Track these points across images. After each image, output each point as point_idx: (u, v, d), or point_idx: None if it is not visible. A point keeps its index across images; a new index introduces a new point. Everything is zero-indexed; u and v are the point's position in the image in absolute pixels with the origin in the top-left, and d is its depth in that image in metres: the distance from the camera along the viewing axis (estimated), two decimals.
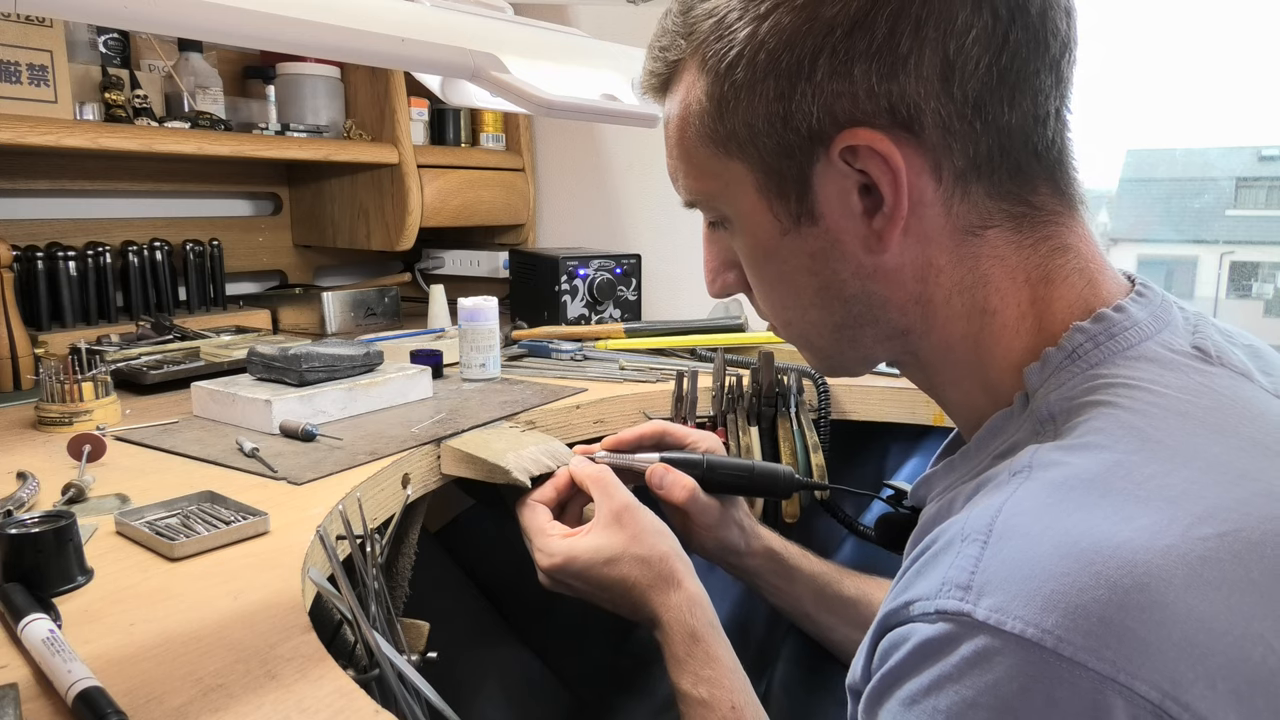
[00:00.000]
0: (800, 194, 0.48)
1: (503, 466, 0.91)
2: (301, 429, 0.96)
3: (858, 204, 0.47)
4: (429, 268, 1.96)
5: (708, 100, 0.50)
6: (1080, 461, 0.40)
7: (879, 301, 0.50)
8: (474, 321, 1.24)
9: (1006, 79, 0.45)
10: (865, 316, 0.51)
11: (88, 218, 1.50)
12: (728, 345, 1.36)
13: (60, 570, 0.63)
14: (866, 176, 0.46)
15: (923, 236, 0.47)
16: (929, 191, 0.46)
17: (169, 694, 0.51)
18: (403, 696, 0.62)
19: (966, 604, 0.37)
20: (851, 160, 0.46)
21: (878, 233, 0.47)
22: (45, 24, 1.20)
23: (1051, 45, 0.46)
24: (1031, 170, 0.47)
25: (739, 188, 0.51)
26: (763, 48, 0.46)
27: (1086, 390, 0.44)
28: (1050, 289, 0.48)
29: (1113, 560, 0.35)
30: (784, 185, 0.49)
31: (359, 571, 0.74)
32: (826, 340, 0.55)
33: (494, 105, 1.00)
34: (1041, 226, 0.48)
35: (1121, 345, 0.46)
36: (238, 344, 1.34)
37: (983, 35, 0.44)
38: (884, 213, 0.46)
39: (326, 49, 0.64)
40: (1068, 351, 0.46)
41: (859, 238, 0.48)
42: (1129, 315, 0.47)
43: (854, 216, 0.48)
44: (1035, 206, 0.48)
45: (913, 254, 0.48)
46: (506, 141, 1.94)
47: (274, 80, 1.66)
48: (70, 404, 1.02)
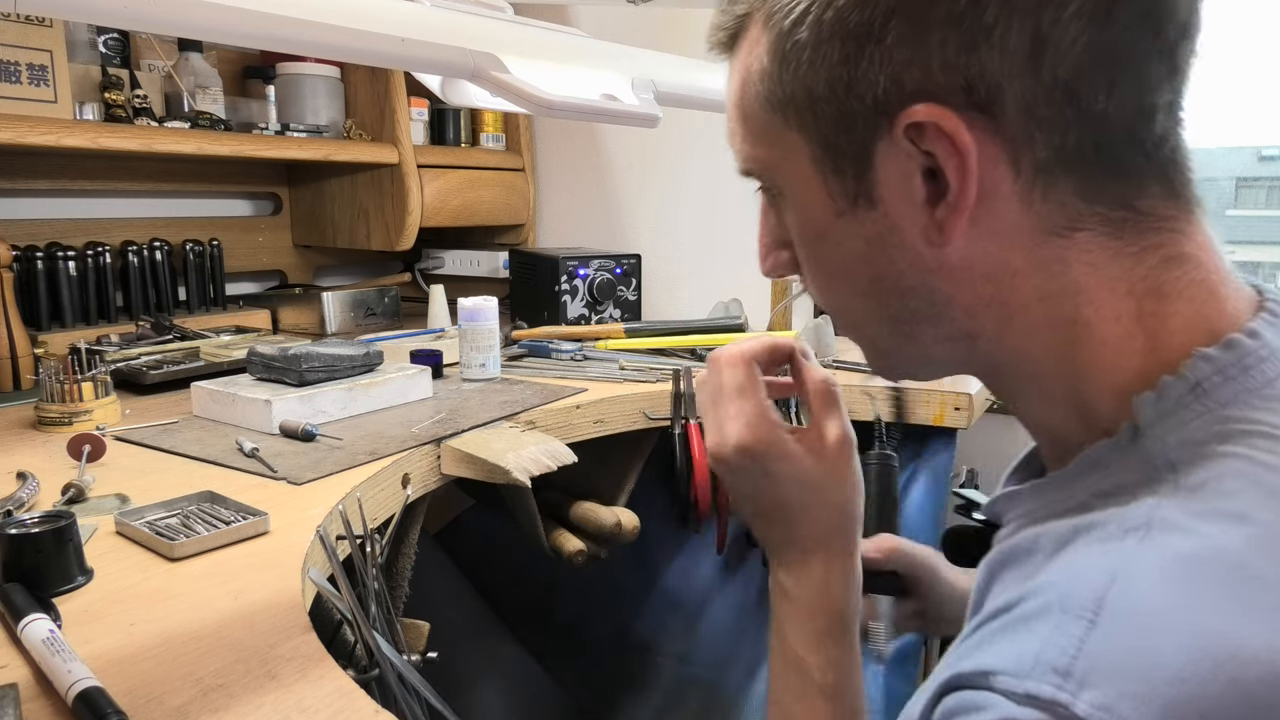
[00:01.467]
0: (859, 172, 0.43)
1: (503, 466, 0.91)
2: (301, 429, 0.96)
3: (920, 189, 0.42)
4: (429, 268, 1.96)
5: (769, 60, 0.45)
6: (1213, 532, 0.35)
7: (942, 299, 0.45)
8: (474, 321, 1.24)
9: (1107, 62, 0.39)
10: (925, 313, 0.46)
11: (88, 218, 1.50)
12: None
13: (60, 570, 0.63)
14: (932, 159, 0.41)
15: (995, 233, 0.42)
16: (1004, 183, 0.41)
17: (169, 694, 0.51)
18: (403, 696, 0.62)
19: (1064, 693, 0.32)
20: (917, 139, 0.41)
21: (939, 223, 0.42)
22: (45, 24, 1.20)
23: (1166, 29, 0.40)
24: (1137, 171, 0.41)
25: (794, 159, 0.46)
26: (830, 5, 0.41)
27: (1216, 437, 0.38)
28: (1163, 303, 0.41)
29: (1253, 669, 0.31)
30: (841, 161, 0.44)
31: (359, 571, 0.74)
32: (881, 334, 0.49)
33: (494, 105, 1.00)
34: (1150, 234, 0.42)
35: (1257, 381, 0.39)
36: (238, 344, 1.34)
37: (1084, 9, 0.38)
38: (948, 201, 0.41)
39: (326, 49, 0.64)
40: (1190, 384, 0.39)
41: (919, 227, 0.43)
42: (1264, 342, 0.40)
43: (915, 203, 0.42)
44: (1141, 211, 0.41)
45: (982, 251, 0.42)
46: (506, 141, 1.94)
47: (274, 80, 1.66)
48: (70, 404, 1.01)
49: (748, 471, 0.61)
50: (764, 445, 0.60)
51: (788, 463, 0.60)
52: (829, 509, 0.61)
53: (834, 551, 0.61)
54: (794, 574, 0.61)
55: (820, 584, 0.60)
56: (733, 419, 0.61)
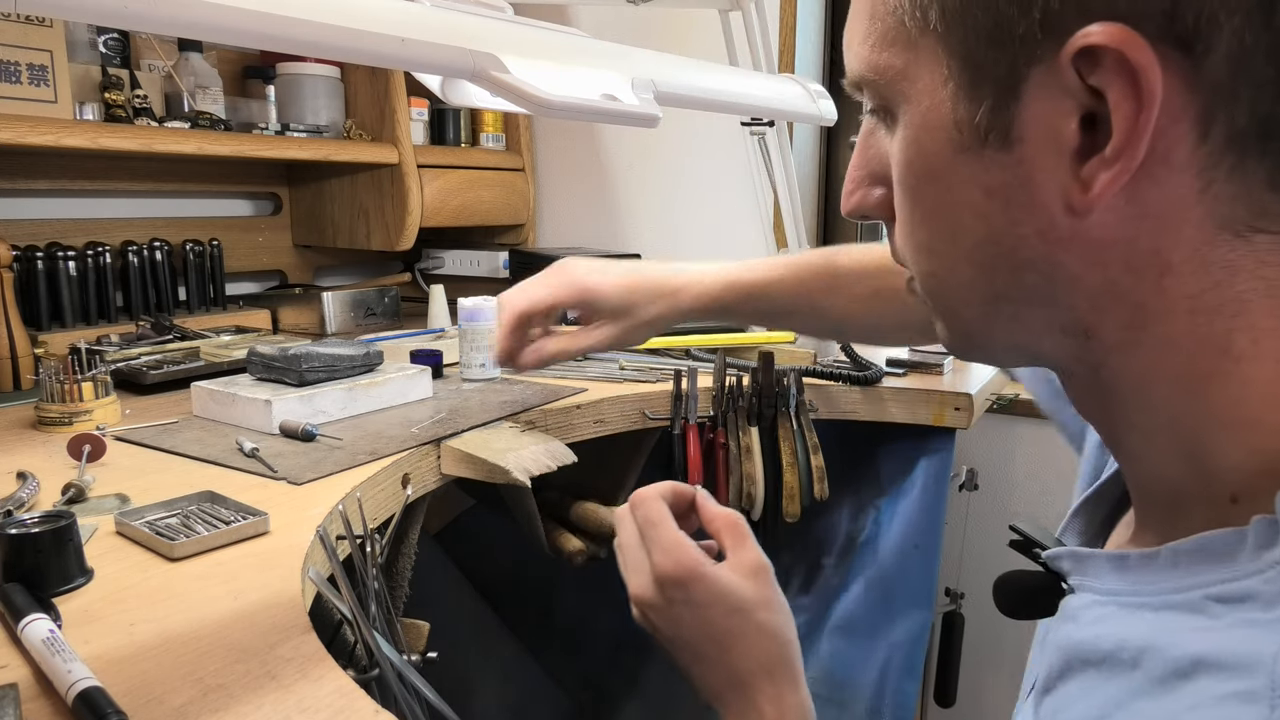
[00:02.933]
0: (1000, 102, 0.34)
1: (503, 466, 0.92)
2: (301, 429, 0.96)
3: (1073, 136, 0.33)
4: (429, 268, 1.96)
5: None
6: None
7: (1065, 280, 0.35)
8: (474, 321, 1.24)
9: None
10: (1040, 294, 0.36)
11: (88, 218, 1.50)
12: (728, 345, 1.36)
13: (60, 570, 0.63)
14: (1099, 101, 0.32)
15: (1155, 212, 0.33)
16: (1182, 149, 0.31)
17: (169, 694, 0.51)
18: (403, 696, 0.62)
19: None
20: (1086, 71, 0.31)
21: (1085, 183, 0.33)
22: (45, 24, 1.20)
23: None
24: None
25: (924, 72, 0.37)
26: None
27: None
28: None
29: None
30: (981, 82, 0.34)
31: (359, 571, 0.74)
32: (975, 310, 0.40)
33: (494, 105, 1.00)
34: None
35: None
36: (238, 344, 1.34)
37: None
38: (1104, 156, 0.32)
39: (326, 49, 0.64)
40: None
41: (1058, 184, 0.33)
42: None
43: (1062, 152, 0.33)
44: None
45: (1133, 231, 0.33)
46: (506, 141, 1.95)
47: (274, 80, 1.66)
48: (70, 404, 1.02)
49: (673, 604, 0.57)
50: (685, 570, 0.56)
51: (712, 586, 0.56)
52: (763, 633, 0.56)
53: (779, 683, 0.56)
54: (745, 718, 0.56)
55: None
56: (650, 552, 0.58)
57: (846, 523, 1.26)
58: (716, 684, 0.57)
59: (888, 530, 1.21)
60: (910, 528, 1.18)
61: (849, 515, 1.26)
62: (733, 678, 0.56)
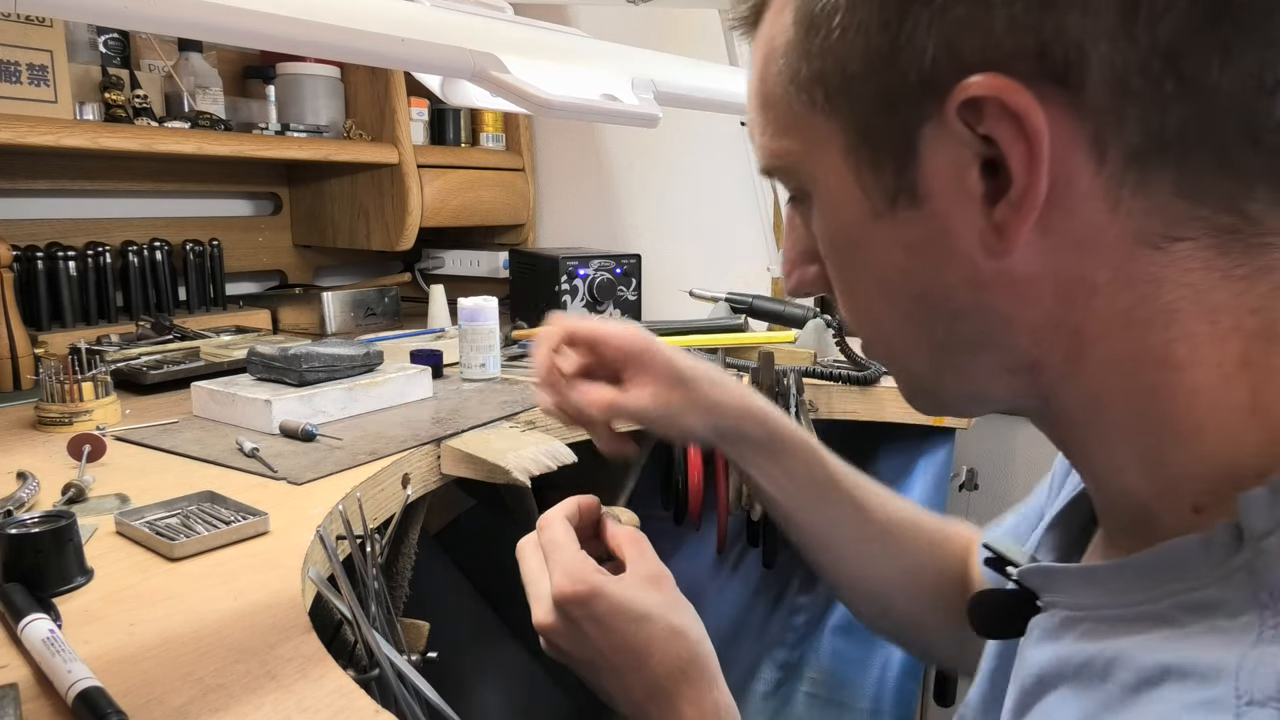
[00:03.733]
0: (900, 164, 0.35)
1: (503, 466, 0.92)
2: (301, 429, 0.96)
3: (976, 184, 0.34)
4: (429, 268, 1.96)
5: (795, 29, 0.37)
6: None
7: (999, 322, 0.36)
8: (474, 321, 1.24)
9: (1221, 19, 0.30)
10: (978, 341, 0.37)
11: (88, 218, 1.50)
12: (728, 345, 1.36)
13: (60, 570, 0.63)
14: (993, 146, 0.33)
15: (1072, 240, 0.33)
16: (1084, 176, 0.32)
17: (169, 694, 0.51)
18: (403, 696, 0.62)
19: None
20: (973, 121, 0.32)
21: (999, 226, 0.33)
22: (45, 24, 1.20)
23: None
24: (1244, 161, 0.31)
25: (824, 152, 0.38)
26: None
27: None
28: (1274, 351, 0.32)
29: None
30: (880, 150, 0.36)
31: (359, 571, 0.74)
32: (923, 365, 0.41)
33: (494, 105, 1.00)
34: (1260, 252, 0.32)
35: None
36: (238, 344, 1.34)
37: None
38: (1010, 199, 0.33)
39: (326, 49, 0.64)
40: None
41: (974, 231, 0.34)
42: None
43: (970, 201, 0.34)
44: (1250, 218, 0.32)
45: (1054, 262, 0.34)
46: (506, 141, 1.95)
47: (274, 80, 1.66)
48: (70, 404, 1.02)
49: (576, 624, 0.55)
50: (584, 586, 0.54)
51: (612, 599, 0.54)
52: (673, 635, 0.55)
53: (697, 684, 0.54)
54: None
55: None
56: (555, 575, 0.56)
57: None
58: (636, 696, 0.55)
59: None
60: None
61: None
62: (649, 686, 0.55)
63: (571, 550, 0.57)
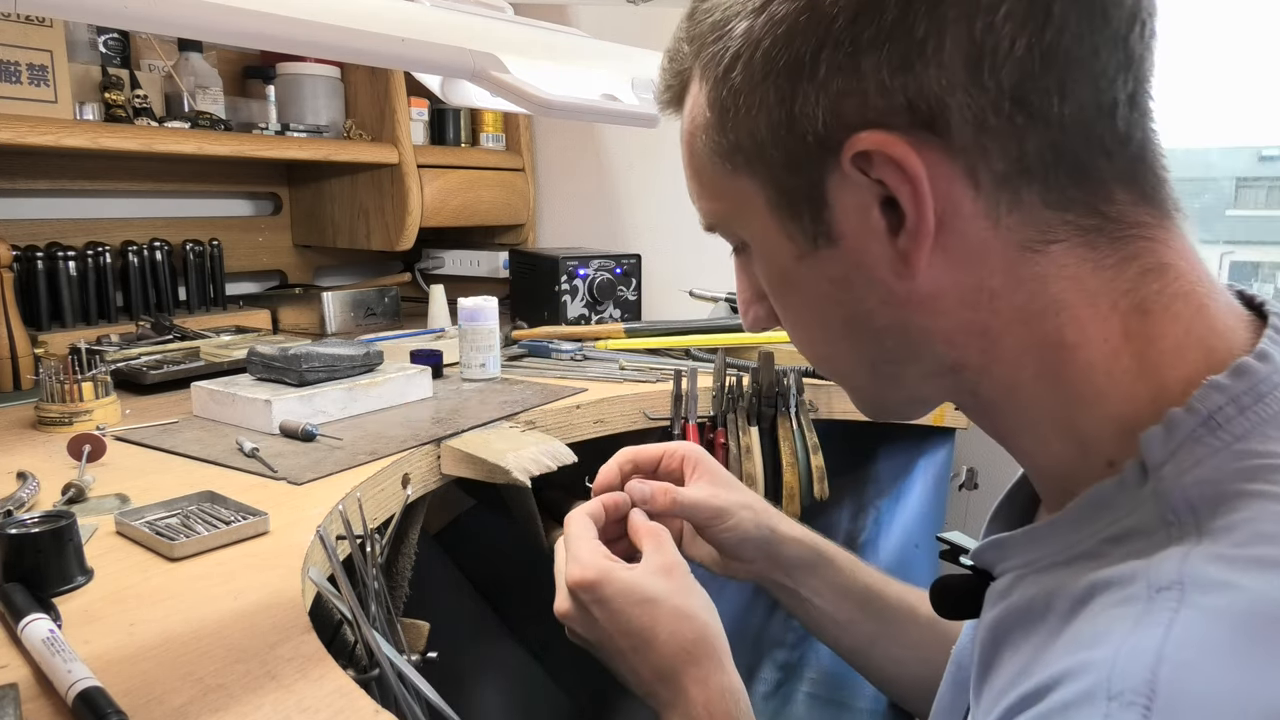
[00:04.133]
0: (815, 212, 0.42)
1: (503, 466, 0.92)
2: (301, 429, 0.96)
3: (879, 220, 0.40)
4: (429, 268, 1.96)
5: (710, 111, 0.44)
6: (1256, 585, 0.31)
7: (919, 334, 0.42)
8: (474, 321, 1.24)
9: (1053, 62, 0.36)
10: (904, 352, 0.44)
11: (88, 218, 1.50)
12: (728, 345, 1.36)
13: (60, 570, 0.63)
14: (886, 189, 0.39)
15: (965, 255, 0.40)
16: (965, 202, 0.39)
17: (169, 694, 0.51)
18: (403, 696, 0.62)
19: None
20: (866, 169, 0.39)
21: (903, 253, 0.40)
22: (45, 24, 1.20)
23: (1114, 17, 0.37)
24: (1100, 172, 0.38)
25: (751, 207, 0.45)
26: (759, 46, 0.40)
27: (1239, 474, 0.35)
28: (1148, 321, 0.39)
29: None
30: (796, 202, 0.42)
31: (359, 571, 0.74)
32: (864, 379, 0.48)
33: (494, 105, 1.00)
34: (1123, 243, 0.39)
35: (1273, 409, 0.36)
36: (238, 344, 1.34)
37: (1017, 10, 0.36)
38: (907, 230, 0.39)
39: (326, 49, 0.64)
40: (1202, 417, 0.36)
41: (884, 260, 0.41)
42: (1276, 366, 0.37)
43: (876, 235, 0.40)
44: (1110, 218, 0.39)
45: (954, 276, 0.40)
46: (506, 141, 1.94)
47: (274, 80, 1.66)
48: (70, 404, 1.01)
49: (587, 608, 0.60)
50: (593, 572, 0.59)
51: (619, 583, 0.59)
52: (679, 617, 0.59)
53: (703, 664, 0.58)
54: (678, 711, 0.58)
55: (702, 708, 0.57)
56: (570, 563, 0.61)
57: (846, 523, 1.26)
58: (645, 677, 0.59)
59: (888, 530, 1.21)
60: (910, 527, 1.18)
61: (849, 515, 1.26)
62: (657, 668, 0.59)
63: (586, 540, 0.63)
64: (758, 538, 0.72)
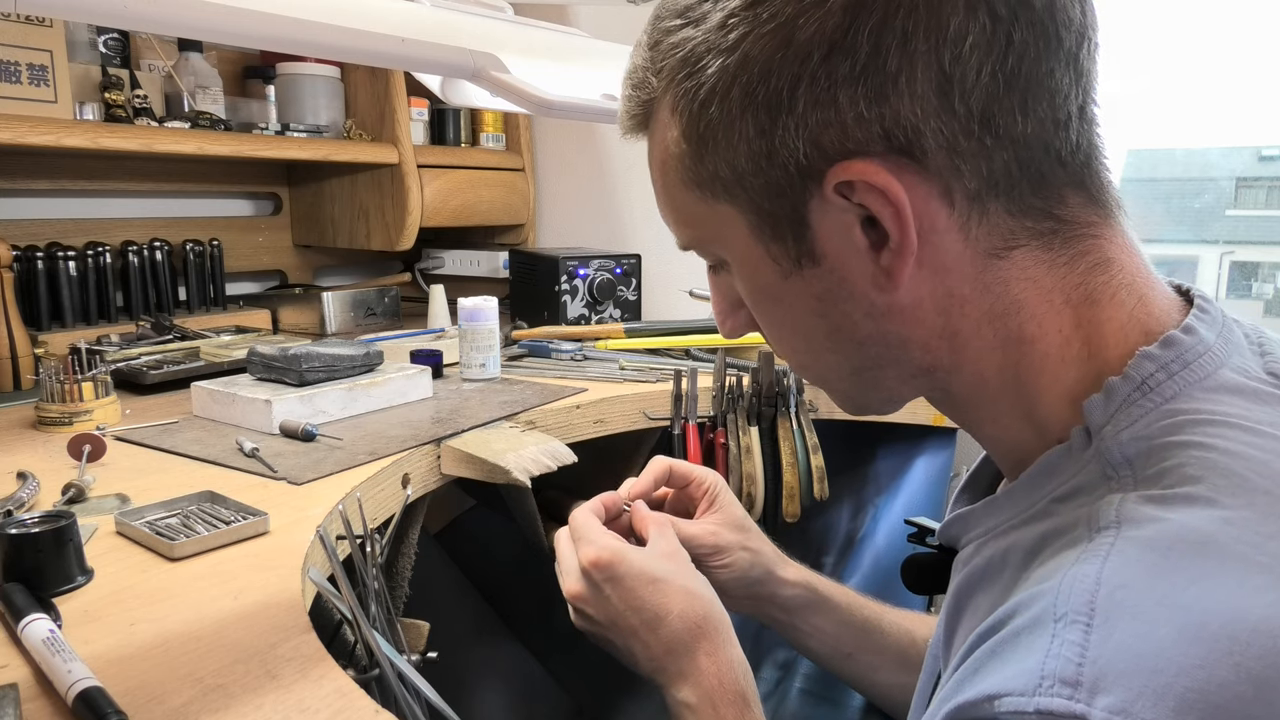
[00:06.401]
0: (798, 235, 0.44)
1: (503, 466, 0.92)
2: (301, 429, 0.96)
3: (862, 240, 0.43)
4: (429, 268, 1.96)
5: (685, 142, 0.46)
6: (1181, 517, 0.35)
7: (897, 341, 0.46)
8: (474, 321, 1.24)
9: (1015, 85, 0.40)
10: (884, 358, 0.47)
11: (88, 218, 1.50)
12: (728, 345, 1.36)
13: (60, 570, 0.63)
14: (867, 210, 0.42)
15: (940, 267, 0.43)
16: (941, 219, 0.42)
17: (169, 694, 0.51)
18: (403, 696, 0.62)
19: (1078, 704, 0.31)
20: (848, 194, 0.41)
21: (887, 269, 0.43)
22: (45, 24, 1.20)
23: (1065, 38, 0.40)
24: (1055, 179, 0.42)
25: (731, 231, 0.47)
26: (735, 82, 0.42)
27: (1167, 429, 0.39)
28: (1095, 310, 0.43)
29: (1253, 649, 0.31)
30: (779, 227, 0.44)
31: (359, 571, 0.74)
32: (846, 384, 0.51)
33: (494, 105, 1.00)
34: (1074, 241, 0.43)
35: (1198, 374, 0.41)
36: (238, 344, 1.34)
37: (981, 40, 0.39)
38: (891, 248, 0.42)
39: (326, 49, 0.65)
40: (1136, 383, 0.41)
41: (867, 276, 0.44)
42: (1200, 338, 0.42)
43: (860, 254, 0.43)
44: (1063, 220, 0.43)
45: (930, 287, 0.43)
46: (506, 141, 1.94)
47: (274, 80, 1.66)
48: (70, 404, 1.01)
49: (599, 590, 0.65)
50: (607, 553, 0.65)
51: (632, 565, 0.64)
52: (688, 595, 0.64)
53: (714, 638, 0.63)
54: (689, 681, 0.62)
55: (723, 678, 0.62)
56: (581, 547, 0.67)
57: (846, 522, 1.26)
58: (656, 652, 0.64)
59: (887, 529, 1.21)
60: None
61: (849, 515, 1.27)
62: (668, 642, 0.63)
63: (597, 527, 0.69)
64: (751, 578, 0.76)
